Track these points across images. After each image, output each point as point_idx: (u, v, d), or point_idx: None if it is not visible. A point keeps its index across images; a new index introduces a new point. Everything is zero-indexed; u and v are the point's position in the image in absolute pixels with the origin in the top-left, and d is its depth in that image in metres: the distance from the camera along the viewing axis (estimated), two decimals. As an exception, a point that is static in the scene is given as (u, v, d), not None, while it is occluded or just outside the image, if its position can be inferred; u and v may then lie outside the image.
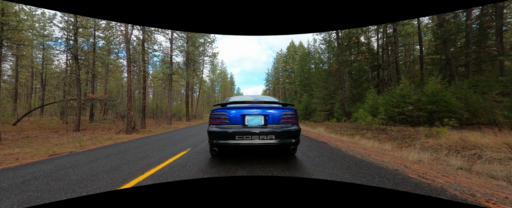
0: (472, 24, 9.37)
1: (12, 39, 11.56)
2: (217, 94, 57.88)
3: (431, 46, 14.06)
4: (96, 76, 15.73)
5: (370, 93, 13.61)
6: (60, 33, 16.07)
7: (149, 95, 32.05)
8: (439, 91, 8.59)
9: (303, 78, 31.37)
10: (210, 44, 30.33)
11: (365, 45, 19.14)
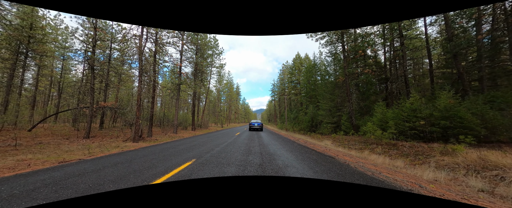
0: (482, 39, 9.24)
1: (36, 50, 12.51)
2: (223, 104, 58.42)
3: (441, 60, 13.83)
4: (109, 85, 16.44)
5: (378, 106, 13.29)
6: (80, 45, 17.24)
7: (157, 104, 32.81)
8: (453, 106, 8.27)
9: (309, 89, 31.30)
10: (218, 55, 31.32)
11: (372, 58, 19.10)
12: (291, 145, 8.90)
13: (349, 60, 18.21)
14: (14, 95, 13.29)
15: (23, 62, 13.16)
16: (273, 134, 17.69)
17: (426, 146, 8.19)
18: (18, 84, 13.58)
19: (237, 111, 75.42)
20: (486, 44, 9.31)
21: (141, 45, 14.01)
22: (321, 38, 20.35)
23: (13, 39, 11.48)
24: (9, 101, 12.08)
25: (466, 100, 8.84)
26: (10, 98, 11.91)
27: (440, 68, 13.40)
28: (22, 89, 13.12)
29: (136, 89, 23.84)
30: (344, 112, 17.92)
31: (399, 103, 11.91)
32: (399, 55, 13.82)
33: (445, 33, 12.10)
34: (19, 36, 11.44)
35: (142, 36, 14.38)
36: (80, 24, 12.48)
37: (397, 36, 14.28)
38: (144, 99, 19.31)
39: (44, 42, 12.79)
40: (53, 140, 9.66)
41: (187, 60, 23.33)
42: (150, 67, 15.69)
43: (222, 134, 17.34)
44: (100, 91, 18.45)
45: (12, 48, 12.00)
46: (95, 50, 12.77)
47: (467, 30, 10.25)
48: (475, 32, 9.91)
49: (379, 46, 18.13)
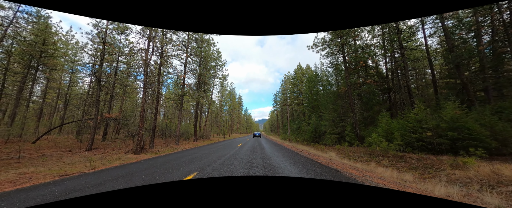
0: (484, 49, 9.29)
1: (47, 64, 13.03)
2: (225, 114, 58.42)
3: (443, 70, 13.84)
4: (114, 97, 16.76)
5: (383, 117, 13.10)
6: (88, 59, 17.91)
7: (160, 114, 33.00)
8: (459, 117, 8.10)
9: (311, 99, 31.27)
10: (220, 67, 31.99)
11: (373, 68, 19.22)
12: (295, 157, 8.69)
13: (350, 70, 18.35)
14: (22, 107, 13.60)
15: (33, 75, 13.64)
16: (276, 145, 17.40)
17: (435, 159, 7.91)
18: (27, 97, 13.93)
19: (239, 121, 75.12)
20: (488, 55, 9.34)
21: (147, 58, 14.46)
22: (322, 50, 20.74)
23: (26, 54, 12.03)
24: (17, 113, 12.36)
25: (472, 111, 8.66)
26: (18, 110, 12.20)
27: (443, 78, 13.35)
28: (30, 101, 13.44)
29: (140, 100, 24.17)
30: (348, 123, 17.68)
31: (404, 113, 11.73)
32: (401, 66, 13.89)
33: (445, 44, 12.23)
34: (31, 51, 12.00)
35: (148, 50, 14.89)
36: (90, 39, 13.08)
37: (398, 47, 14.47)
38: (148, 110, 19.49)
39: (55, 56, 13.36)
40: (56, 152, 9.67)
41: (190, 72, 23.85)
42: (155, 78, 16.04)
43: (224, 145, 17.14)
44: (105, 102, 18.76)
45: (24, 62, 12.54)
46: (103, 63, 13.22)
47: (467, 41, 10.36)
48: (475, 43, 10.00)
49: (380, 57, 18.32)
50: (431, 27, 13.02)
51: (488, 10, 9.20)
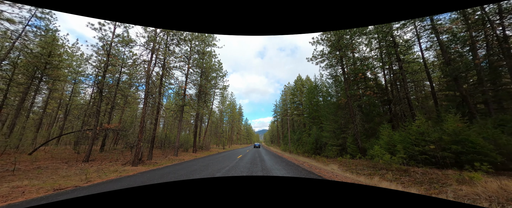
0: (480, 63, 9.48)
1: (51, 75, 13.25)
2: (225, 125, 58.02)
3: (441, 83, 13.99)
4: (114, 107, 16.80)
5: (384, 129, 12.99)
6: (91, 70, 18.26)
7: (160, 125, 32.80)
8: (462, 130, 8.02)
9: (312, 110, 31.24)
10: (221, 78, 32.41)
11: (372, 80, 19.44)
12: (296, 170, 8.48)
13: (350, 82, 18.55)
14: (22, 118, 13.58)
15: (36, 86, 13.80)
16: (277, 157, 17.06)
17: (440, 173, 7.69)
18: (28, 107, 13.97)
19: (239, 132, 74.39)
20: (485, 68, 9.50)
21: (149, 69, 14.71)
22: (321, 62, 21.15)
23: (31, 65, 12.30)
24: (16, 123, 12.31)
25: (474, 124, 8.60)
26: (17, 120, 12.18)
27: (442, 90, 13.44)
28: (30, 111, 13.46)
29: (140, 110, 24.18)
30: (349, 134, 17.48)
31: (405, 125, 11.64)
32: (399, 78, 14.06)
33: (441, 57, 12.50)
34: (37, 63, 12.28)
35: (151, 62, 15.21)
36: (94, 51, 13.44)
37: (395, 60, 14.76)
38: (148, 121, 19.41)
39: (59, 67, 13.63)
40: (52, 164, 9.46)
41: (192, 83, 24.14)
42: (156, 89, 16.19)
43: (224, 156, 16.81)
44: (105, 113, 18.75)
45: (28, 73, 12.77)
46: (106, 74, 13.44)
47: (463, 54, 10.60)
48: (471, 57, 10.23)
49: (379, 69, 18.62)
50: (427, 41, 13.41)
51: (481, 26, 9.53)
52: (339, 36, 18.43)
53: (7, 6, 8.95)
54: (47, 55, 13.05)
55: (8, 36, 9.68)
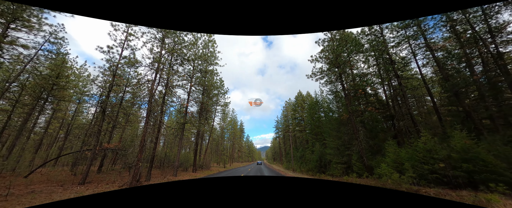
0: (479, 79, 9.60)
1: (56, 96, 13.56)
2: (226, 142, 57.00)
3: (443, 98, 14.02)
4: (115, 126, 16.76)
5: (389, 146, 12.64)
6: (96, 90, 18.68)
7: (160, 143, 32.32)
8: (470, 147, 7.78)
9: (314, 126, 30.86)
10: (223, 95, 32.82)
11: (373, 95, 19.53)
12: (301, 193, 8.02)
13: (350, 98, 18.62)
14: (22, 139, 13.51)
15: (41, 106, 14.01)
16: (280, 177, 16.36)
17: (454, 194, 7.25)
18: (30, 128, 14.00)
19: (241, 149, 72.67)
20: (484, 84, 9.59)
21: (152, 88, 15.02)
22: (320, 78, 21.54)
23: (38, 87, 12.67)
24: (16, 144, 12.23)
25: (482, 140, 8.36)
26: (18, 142, 12.12)
27: (444, 105, 13.40)
28: (32, 132, 13.46)
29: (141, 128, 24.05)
30: (354, 151, 16.97)
31: (411, 142, 11.35)
32: (400, 94, 14.14)
33: (439, 73, 12.72)
34: (44, 84, 12.66)
35: (155, 81, 15.60)
36: (101, 72, 13.92)
37: (394, 76, 15.02)
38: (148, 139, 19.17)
39: (65, 88, 14.01)
40: (47, 188, 9.12)
41: (193, 100, 24.40)
42: (158, 107, 16.32)
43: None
44: (106, 132, 18.65)
45: (35, 94, 13.09)
46: (110, 94, 13.72)
47: (461, 70, 10.80)
48: (469, 73, 10.40)
49: (378, 85, 18.84)
50: (423, 58, 13.80)
51: (474, 44, 9.88)
52: (337, 54, 19.06)
53: (23, 33, 9.66)
54: (55, 76, 13.51)
55: (21, 60, 10.20)
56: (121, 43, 13.81)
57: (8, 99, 11.76)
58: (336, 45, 18.92)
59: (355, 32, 21.46)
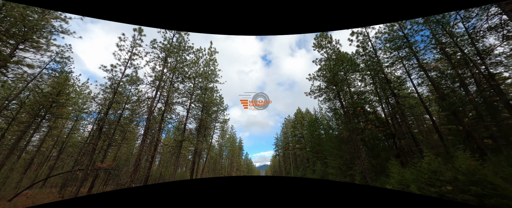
0: (474, 98, 9.79)
1: (54, 113, 13.47)
2: (224, 160, 55.22)
3: (441, 117, 14.11)
4: (111, 144, 16.34)
5: (393, 166, 12.28)
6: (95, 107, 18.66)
7: (155, 162, 31.19)
8: (476, 169, 7.56)
9: (314, 144, 30.30)
10: (222, 111, 32.79)
11: (372, 113, 19.60)
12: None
13: (349, 115, 18.65)
14: (12, 158, 12.99)
15: (37, 124, 13.81)
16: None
17: (467, 221, 6.81)
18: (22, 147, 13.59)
19: (239, 167, 70.04)
20: (480, 103, 9.75)
21: (152, 106, 15.03)
22: (319, 96, 21.83)
23: (37, 104, 12.64)
24: (5, 164, 11.73)
25: (487, 161, 8.17)
26: (8, 161, 11.65)
27: (444, 124, 13.41)
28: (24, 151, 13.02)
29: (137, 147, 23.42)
30: (356, 171, 16.40)
31: (415, 162, 11.05)
32: (398, 112, 14.23)
33: (435, 92, 13.00)
34: (44, 102, 12.67)
35: (155, 98, 15.69)
36: (102, 89, 14.08)
37: (390, 95, 15.29)
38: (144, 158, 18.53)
39: (64, 106, 14.00)
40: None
41: (192, 117, 24.26)
42: (156, 125, 16.12)
43: (222, 199, 15.29)
44: (100, 150, 18.08)
45: (33, 112, 13.00)
46: (109, 111, 13.67)
47: (456, 90, 11.07)
48: (464, 92, 10.64)
49: (376, 103, 19.05)
50: (417, 77, 14.22)
51: (465, 65, 10.31)
52: (334, 73, 19.64)
53: (30, 53, 10.00)
54: (56, 94, 13.59)
55: (24, 79, 10.38)
56: (124, 62, 14.23)
57: (4, 117, 11.62)
58: (332, 64, 19.60)
59: (350, 52, 22.40)
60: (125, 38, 14.31)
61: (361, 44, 17.91)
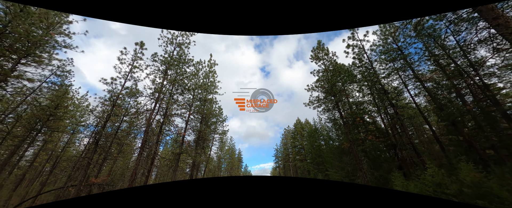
0: (472, 108, 9.89)
1: (51, 127, 13.29)
2: (223, 173, 53.72)
3: (441, 127, 14.11)
4: (107, 158, 15.93)
5: (396, 178, 11.98)
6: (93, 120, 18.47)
7: (152, 175, 30.25)
8: (481, 181, 7.39)
9: (314, 155, 29.78)
10: (221, 123, 32.56)
11: (372, 124, 19.56)
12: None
13: (349, 126, 18.57)
14: (3, 174, 12.54)
15: (32, 138, 13.56)
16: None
17: (477, 238, 6.50)
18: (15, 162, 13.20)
19: (238, 180, 67.81)
20: (478, 113, 9.82)
21: (151, 118, 14.91)
22: (318, 106, 21.90)
23: (34, 118, 12.52)
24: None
25: (491, 173, 8.02)
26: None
27: (443, 134, 13.37)
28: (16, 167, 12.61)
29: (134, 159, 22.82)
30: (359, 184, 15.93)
31: (418, 174, 10.81)
32: (398, 122, 14.22)
33: (433, 102, 13.12)
34: (41, 115, 12.56)
35: (154, 110, 15.62)
36: (101, 102, 14.06)
37: (389, 105, 15.39)
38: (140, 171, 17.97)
39: (62, 119, 13.86)
40: (17, 235, 7.97)
41: (191, 129, 24.00)
42: (154, 137, 15.87)
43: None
44: (95, 164, 17.57)
45: (29, 125, 12.83)
46: (107, 123, 13.52)
47: (453, 100, 11.20)
48: (461, 102, 10.76)
49: (375, 113, 19.10)
50: (414, 88, 14.44)
51: (459, 76, 10.55)
52: (332, 84, 19.92)
53: (32, 68, 10.13)
54: (53, 107, 13.51)
55: (23, 92, 10.39)
56: (125, 74, 14.38)
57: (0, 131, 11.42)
58: (330, 75, 19.95)
59: (347, 64, 22.93)
60: (126, 52, 14.61)
61: (357, 56, 18.39)
